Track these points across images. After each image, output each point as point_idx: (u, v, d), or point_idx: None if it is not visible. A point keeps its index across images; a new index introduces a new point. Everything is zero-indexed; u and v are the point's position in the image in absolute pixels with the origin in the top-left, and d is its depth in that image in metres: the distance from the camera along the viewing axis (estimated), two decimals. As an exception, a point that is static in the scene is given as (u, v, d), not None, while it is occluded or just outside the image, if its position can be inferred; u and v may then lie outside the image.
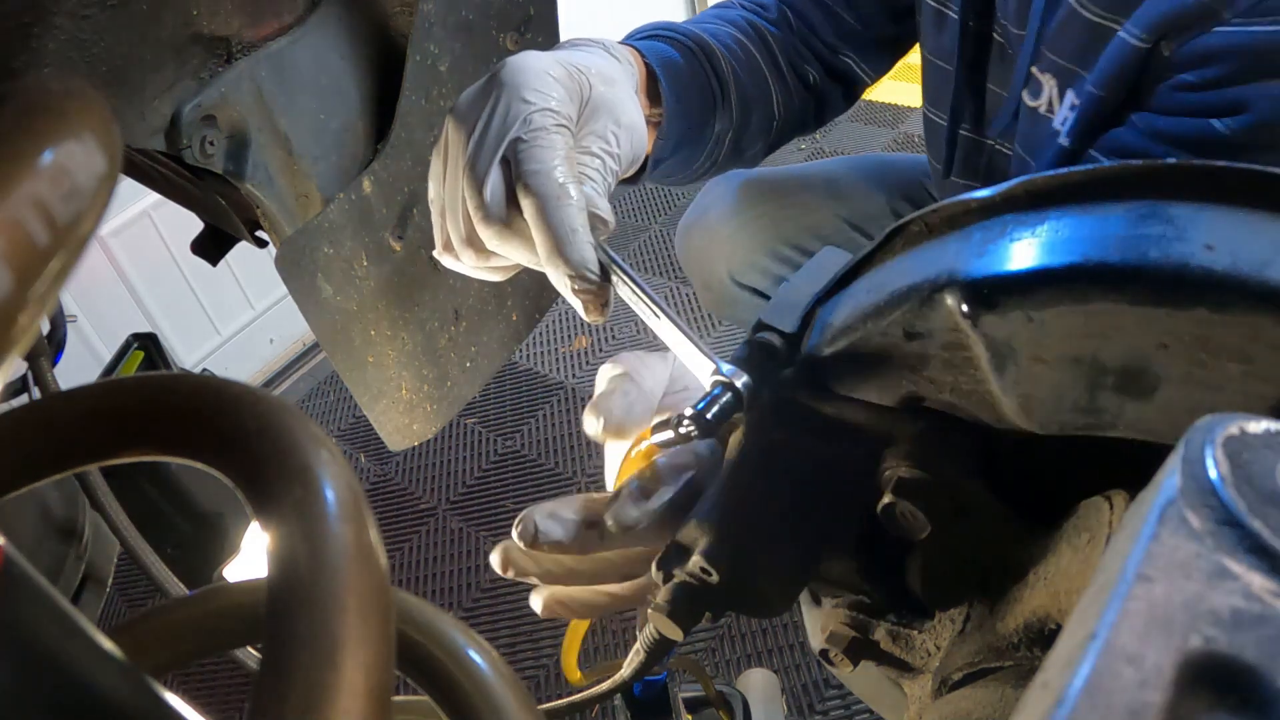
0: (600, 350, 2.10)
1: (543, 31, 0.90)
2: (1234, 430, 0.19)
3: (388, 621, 0.21)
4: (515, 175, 0.54)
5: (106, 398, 0.26)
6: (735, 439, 0.45)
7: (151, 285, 2.05)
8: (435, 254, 0.62)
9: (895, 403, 0.41)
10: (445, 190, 0.58)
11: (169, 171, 0.79)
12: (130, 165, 0.81)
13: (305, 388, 2.25)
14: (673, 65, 0.79)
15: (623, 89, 0.63)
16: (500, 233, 0.55)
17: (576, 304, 0.53)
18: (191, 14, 0.65)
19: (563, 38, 0.90)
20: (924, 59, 0.92)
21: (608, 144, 0.59)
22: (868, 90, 1.03)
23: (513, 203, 0.54)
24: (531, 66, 0.56)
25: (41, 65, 0.57)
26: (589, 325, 2.18)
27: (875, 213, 1.18)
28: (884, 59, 0.99)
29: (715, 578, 0.44)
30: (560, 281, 0.53)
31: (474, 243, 0.57)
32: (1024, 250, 0.34)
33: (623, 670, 0.53)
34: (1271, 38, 0.58)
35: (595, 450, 1.86)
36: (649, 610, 0.47)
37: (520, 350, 2.15)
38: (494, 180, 0.54)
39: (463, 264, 0.60)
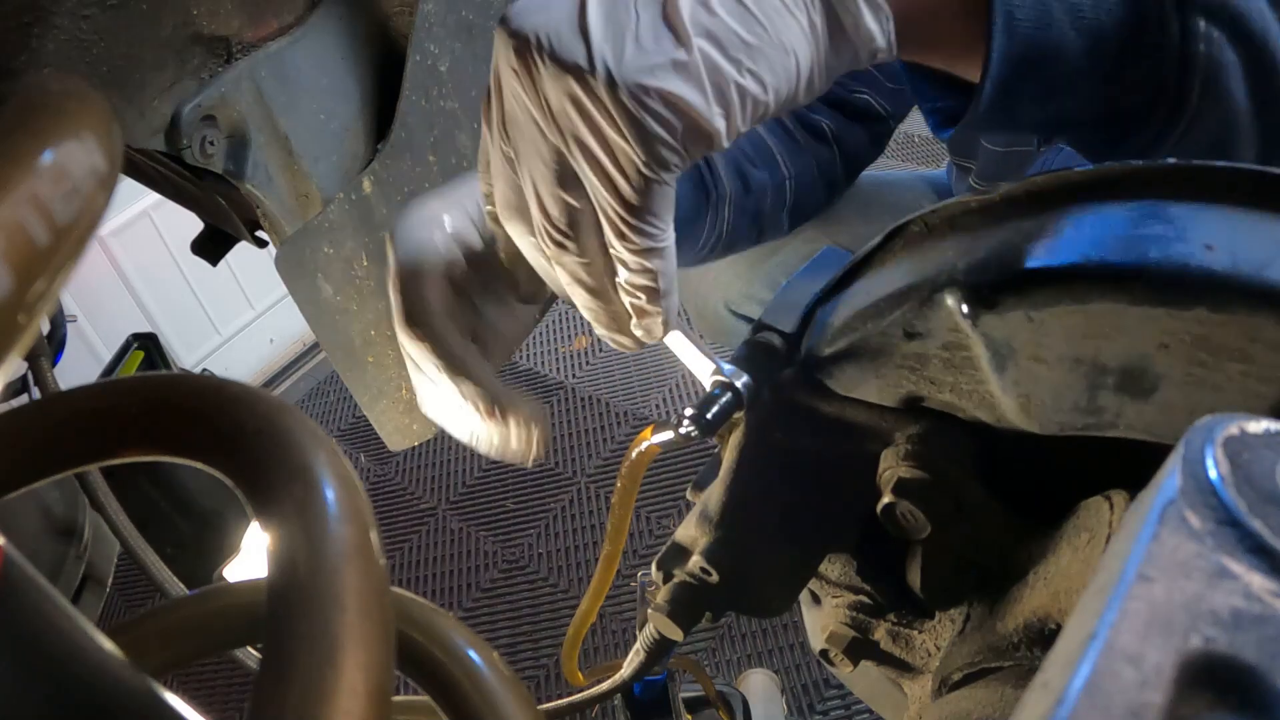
0: (600, 350, 2.10)
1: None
2: (1234, 430, 0.19)
3: (388, 621, 0.21)
4: None
5: (106, 398, 0.26)
6: (735, 439, 0.45)
7: (151, 285, 2.05)
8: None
9: (895, 403, 0.41)
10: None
11: (169, 171, 0.79)
12: (130, 165, 0.81)
13: (305, 388, 2.25)
14: None
15: None
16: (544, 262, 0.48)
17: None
18: (191, 14, 0.65)
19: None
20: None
21: None
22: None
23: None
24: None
25: (41, 65, 0.57)
26: (589, 324, 2.17)
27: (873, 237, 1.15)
28: (901, 96, 0.92)
29: (715, 578, 0.44)
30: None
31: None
32: (1024, 250, 0.34)
33: (623, 670, 0.53)
34: None
35: (595, 450, 1.86)
36: (649, 610, 0.47)
37: (520, 350, 2.15)
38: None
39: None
